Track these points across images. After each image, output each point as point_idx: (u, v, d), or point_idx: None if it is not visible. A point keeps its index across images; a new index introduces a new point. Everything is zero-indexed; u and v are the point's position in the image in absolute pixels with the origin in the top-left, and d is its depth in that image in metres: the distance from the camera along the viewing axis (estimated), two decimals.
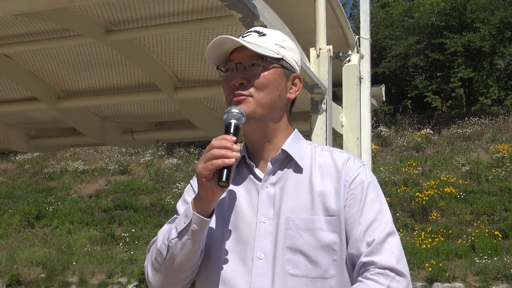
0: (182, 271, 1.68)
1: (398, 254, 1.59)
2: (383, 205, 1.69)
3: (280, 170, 1.73)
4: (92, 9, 2.90)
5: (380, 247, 1.59)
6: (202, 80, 3.78)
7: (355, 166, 1.72)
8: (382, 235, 1.60)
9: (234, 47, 1.72)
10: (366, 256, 1.59)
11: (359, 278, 1.58)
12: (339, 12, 3.44)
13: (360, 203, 1.66)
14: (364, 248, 1.60)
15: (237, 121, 1.64)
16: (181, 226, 1.63)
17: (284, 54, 1.75)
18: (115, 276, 16.82)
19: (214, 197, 1.61)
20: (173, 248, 1.64)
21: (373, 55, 20.38)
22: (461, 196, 17.29)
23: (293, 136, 1.78)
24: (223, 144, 1.57)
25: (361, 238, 1.61)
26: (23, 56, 3.61)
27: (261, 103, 1.69)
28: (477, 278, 13.81)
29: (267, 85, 1.70)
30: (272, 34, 1.77)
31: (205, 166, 1.57)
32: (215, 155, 1.56)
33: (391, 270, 1.55)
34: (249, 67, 1.70)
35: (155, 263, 1.69)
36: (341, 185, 1.68)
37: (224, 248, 1.69)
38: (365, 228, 1.62)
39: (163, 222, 19.18)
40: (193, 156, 24.17)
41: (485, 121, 21.99)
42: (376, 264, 1.57)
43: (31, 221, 20.63)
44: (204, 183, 1.58)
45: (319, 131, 2.95)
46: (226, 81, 1.74)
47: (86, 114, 4.33)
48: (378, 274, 1.55)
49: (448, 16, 23.82)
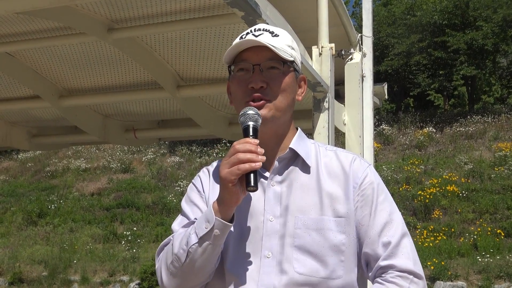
0: (200, 275, 1.66)
1: (413, 256, 1.67)
2: (393, 204, 1.73)
3: (287, 168, 1.73)
4: (94, 7, 2.90)
5: (396, 251, 1.65)
6: (204, 79, 3.78)
7: (362, 167, 1.73)
8: (397, 238, 1.67)
9: (248, 46, 1.70)
10: (384, 260, 1.65)
11: (378, 279, 1.65)
12: (341, 10, 3.43)
13: (372, 205, 1.69)
14: (380, 250, 1.66)
15: (254, 123, 1.63)
16: (202, 232, 1.60)
17: (295, 56, 1.74)
18: (117, 274, 16.83)
19: (238, 201, 1.60)
20: (193, 254, 1.61)
21: (376, 53, 20.36)
22: (463, 195, 17.27)
23: (298, 135, 1.79)
24: (247, 148, 1.55)
25: (376, 239, 1.66)
26: (25, 54, 3.61)
27: (280, 107, 1.69)
28: (480, 276, 13.80)
29: (286, 90, 1.70)
30: (284, 35, 1.75)
31: (231, 171, 1.54)
32: (241, 160, 1.54)
33: (409, 273, 1.63)
34: (266, 70, 1.68)
35: (172, 267, 1.66)
36: (350, 187, 1.70)
37: (232, 247, 1.68)
38: (380, 229, 1.67)
39: (165, 220, 19.21)
40: (195, 154, 24.17)
41: (488, 119, 21.94)
42: (395, 267, 1.64)
43: (34, 219, 20.65)
44: (230, 188, 1.56)
45: (321, 130, 2.94)
46: (241, 82, 1.71)
47: (88, 112, 4.33)
48: (397, 277, 1.63)
49: (451, 14, 23.78)
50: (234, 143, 1.58)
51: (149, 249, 17.70)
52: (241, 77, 1.70)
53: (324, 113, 2.96)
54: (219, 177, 1.58)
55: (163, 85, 3.68)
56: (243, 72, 1.70)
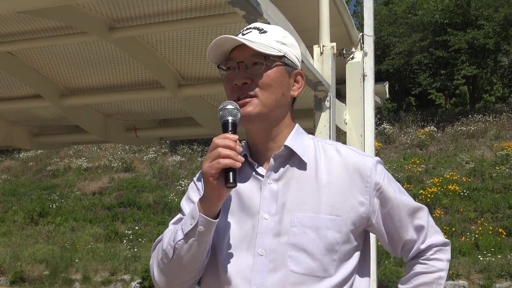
0: (188, 271, 1.67)
1: (437, 228, 1.85)
2: (402, 189, 1.82)
3: (283, 166, 1.72)
4: (96, 7, 2.90)
5: (427, 231, 1.81)
6: (205, 78, 3.78)
7: (365, 161, 1.74)
8: (423, 218, 1.81)
9: (234, 45, 1.71)
10: (422, 243, 1.81)
11: (420, 260, 1.81)
12: (343, 9, 3.42)
13: (390, 199, 1.75)
14: (413, 234, 1.79)
15: (233, 118, 1.62)
16: (187, 228, 1.62)
17: (285, 51, 1.73)
18: (118, 274, 16.85)
19: (221, 197, 1.60)
20: (179, 250, 1.63)
21: (377, 52, 20.34)
22: (464, 194, 17.26)
23: (295, 131, 1.77)
24: (226, 143, 1.56)
25: (407, 224, 1.78)
26: (26, 53, 3.61)
27: (266, 103, 1.68)
28: (481, 275, 13.80)
29: (271, 84, 1.69)
30: (273, 31, 1.75)
31: (212, 165, 1.55)
32: (221, 154, 1.55)
33: (442, 245, 1.84)
34: (251, 66, 1.69)
35: (161, 263, 1.69)
36: (355, 185, 1.70)
37: (227, 245, 1.68)
38: (406, 215, 1.78)
39: (166, 219, 19.21)
40: (196, 154, 24.17)
41: (489, 118, 21.92)
42: (433, 244, 1.82)
43: (35, 219, 20.68)
44: (211, 182, 1.56)
45: (323, 129, 2.94)
46: (228, 80, 1.72)
47: (89, 112, 4.33)
48: (436, 252, 1.82)
49: (452, 13, 23.74)
50: (214, 138, 1.58)
51: (151, 248, 17.67)
52: (229, 76, 1.72)
53: (325, 112, 2.96)
54: (202, 172, 1.60)
55: (164, 84, 3.68)
56: (231, 71, 1.72)
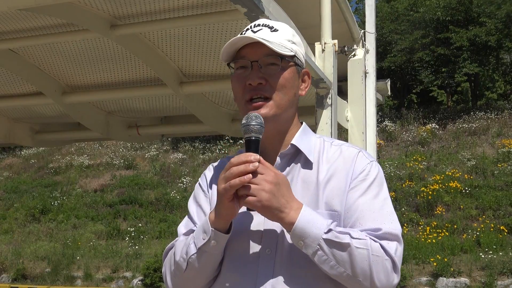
0: (202, 280, 1.69)
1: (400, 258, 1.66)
2: (386, 200, 1.68)
3: (289, 165, 1.72)
4: (97, 4, 2.90)
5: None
6: (207, 75, 3.78)
7: (364, 162, 1.71)
8: (391, 248, 1.61)
9: (246, 43, 1.67)
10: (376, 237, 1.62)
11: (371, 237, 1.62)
12: (344, 6, 3.42)
13: (362, 189, 1.66)
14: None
15: (256, 135, 1.57)
16: (200, 242, 1.62)
17: (296, 50, 1.71)
18: (120, 271, 16.89)
19: (234, 215, 1.59)
20: (192, 263, 1.64)
21: (379, 49, 20.28)
22: (466, 191, 17.26)
23: (302, 130, 1.77)
24: (241, 170, 1.51)
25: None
26: (28, 50, 3.61)
27: (280, 104, 1.67)
28: (483, 273, 13.80)
29: (286, 86, 1.67)
30: (284, 29, 1.72)
31: (226, 187, 1.52)
32: (235, 176, 1.51)
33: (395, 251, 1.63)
34: (265, 66, 1.66)
35: (175, 273, 1.70)
36: (348, 181, 1.68)
37: (233, 243, 1.68)
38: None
39: (168, 216, 19.25)
40: (198, 151, 24.19)
41: (491, 115, 21.91)
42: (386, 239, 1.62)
43: (37, 216, 20.72)
44: (226, 203, 1.55)
45: (324, 126, 2.94)
46: (239, 79, 1.69)
47: (91, 109, 4.33)
48: (389, 244, 1.61)
49: (454, 10, 23.71)
50: (232, 159, 1.54)
51: (152, 246, 17.74)
52: (241, 75, 1.69)
53: (327, 110, 2.96)
54: (217, 192, 1.57)
55: (166, 81, 3.68)
56: (243, 70, 1.68)
